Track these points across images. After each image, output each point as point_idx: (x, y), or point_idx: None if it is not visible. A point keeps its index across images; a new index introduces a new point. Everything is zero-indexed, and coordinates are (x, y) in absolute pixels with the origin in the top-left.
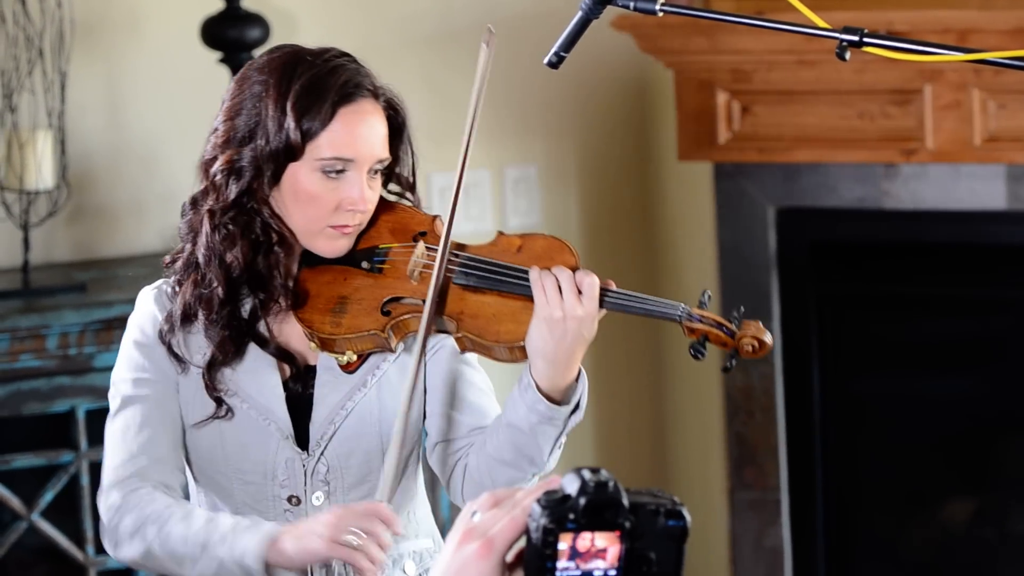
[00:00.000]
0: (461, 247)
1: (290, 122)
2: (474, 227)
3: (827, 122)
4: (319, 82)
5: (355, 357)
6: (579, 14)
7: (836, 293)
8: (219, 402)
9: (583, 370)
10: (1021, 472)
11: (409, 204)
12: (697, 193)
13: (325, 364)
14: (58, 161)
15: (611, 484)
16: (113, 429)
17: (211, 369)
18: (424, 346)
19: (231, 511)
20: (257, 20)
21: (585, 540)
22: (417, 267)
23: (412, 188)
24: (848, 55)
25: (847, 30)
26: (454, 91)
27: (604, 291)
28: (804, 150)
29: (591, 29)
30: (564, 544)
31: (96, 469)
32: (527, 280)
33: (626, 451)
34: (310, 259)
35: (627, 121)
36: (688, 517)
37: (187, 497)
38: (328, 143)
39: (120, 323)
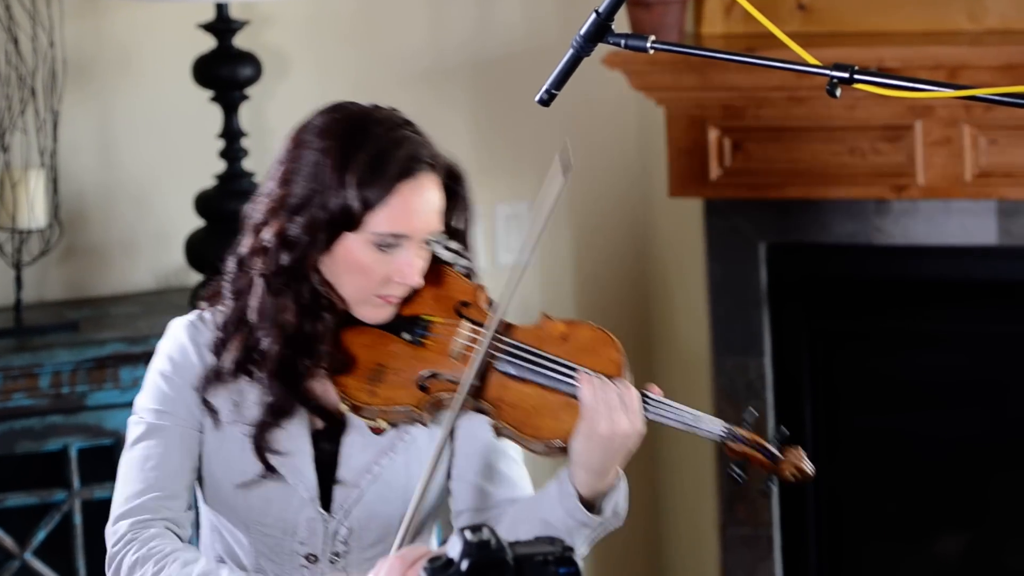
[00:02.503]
0: (508, 328)
1: (351, 193)
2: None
3: (818, 158)
4: (383, 155)
5: (386, 426)
6: (570, 52)
7: (827, 329)
8: (268, 467)
9: (623, 474)
10: (1014, 507)
11: (463, 267)
12: (688, 229)
13: (355, 423)
14: (50, 200)
15: (493, 542)
16: (131, 457)
17: (263, 429)
18: (453, 427)
19: (244, 556)
20: (249, 59)
21: None
22: (459, 347)
23: (466, 247)
24: (839, 92)
25: (837, 67)
26: (447, 128)
27: (648, 402)
28: (795, 186)
29: (582, 66)
30: None
31: (89, 508)
32: (573, 378)
33: None
34: (349, 318)
35: (618, 158)
36: (579, 562)
37: (196, 528)
38: (386, 219)
39: (113, 361)
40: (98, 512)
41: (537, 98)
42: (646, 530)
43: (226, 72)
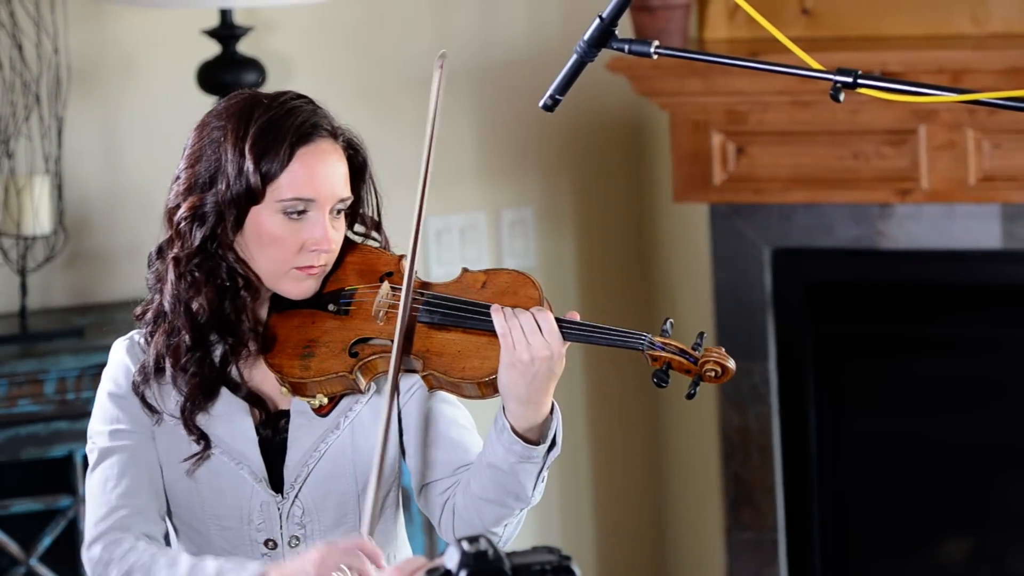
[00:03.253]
0: (425, 285)
1: (249, 165)
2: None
3: (822, 163)
4: (276, 124)
5: (326, 400)
6: (574, 57)
7: (832, 333)
8: (202, 438)
9: (556, 404)
10: (1018, 511)
11: (376, 245)
12: (693, 234)
13: (298, 408)
14: (55, 206)
15: (490, 553)
16: (93, 483)
17: (183, 415)
18: (396, 384)
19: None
20: (253, 65)
21: None
22: (382, 307)
23: (378, 227)
24: (842, 96)
25: (841, 71)
26: (451, 133)
27: (565, 324)
28: (799, 191)
29: (587, 72)
30: None
31: None
32: (488, 317)
33: (623, 492)
34: (279, 304)
35: (623, 163)
36: (578, 571)
37: (168, 545)
38: (288, 184)
39: None
40: None
41: (541, 103)
42: (651, 534)
43: (230, 78)
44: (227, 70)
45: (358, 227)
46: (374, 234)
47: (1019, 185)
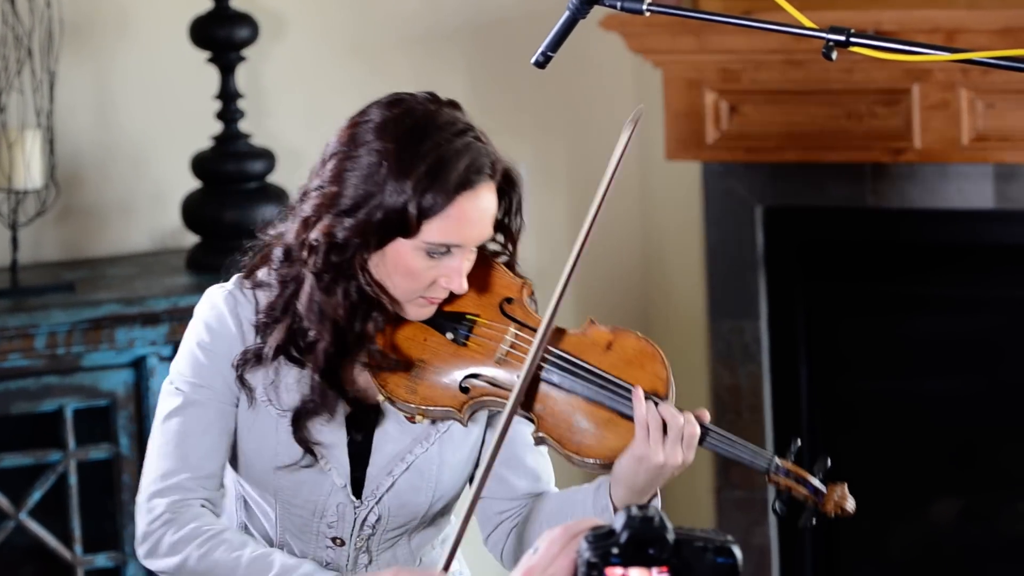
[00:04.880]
0: (552, 335)
1: (408, 200)
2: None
3: (815, 122)
4: (444, 164)
5: (423, 420)
6: (567, 14)
7: (824, 292)
8: (310, 451)
9: (659, 493)
10: (1009, 471)
11: (504, 259)
12: (685, 192)
13: (390, 411)
14: (47, 161)
15: (656, 519)
16: (167, 430)
17: (298, 421)
18: (503, 439)
19: (269, 528)
20: (246, 20)
21: None
22: (504, 350)
23: (515, 244)
24: (835, 55)
25: (834, 30)
26: (444, 91)
27: (707, 436)
28: (792, 150)
29: (579, 28)
30: None
31: (84, 468)
32: (620, 396)
33: None
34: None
35: (615, 120)
36: (739, 555)
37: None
38: (440, 229)
39: (109, 322)
40: (93, 473)
41: (533, 60)
42: None
43: (223, 33)
44: (220, 25)
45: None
46: (509, 247)
47: (1012, 145)
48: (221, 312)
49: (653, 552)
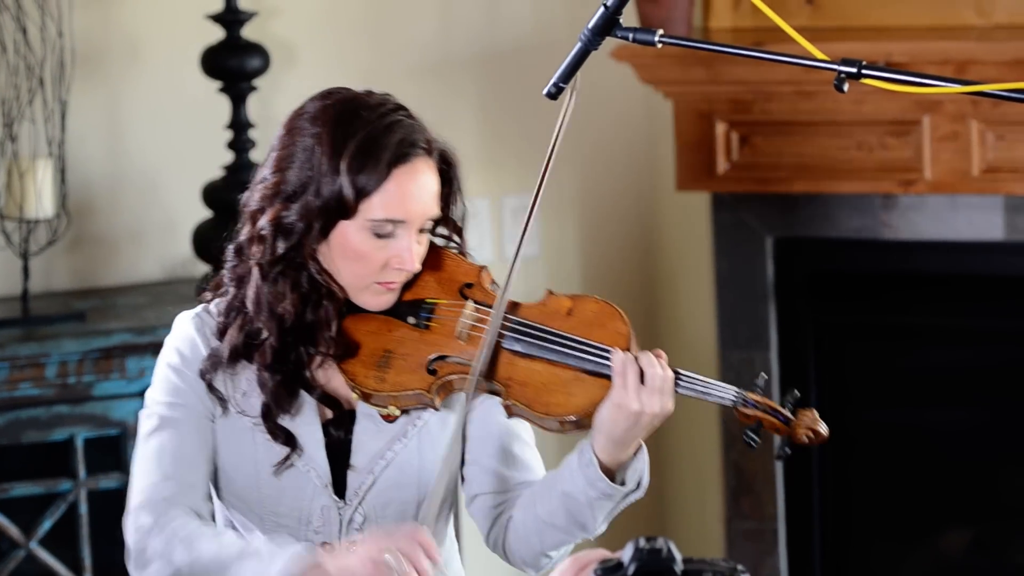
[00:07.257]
0: (512, 306)
1: (344, 180)
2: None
3: (826, 153)
4: (375, 140)
5: (397, 412)
6: (579, 45)
7: (833, 323)
8: (288, 441)
9: (644, 445)
10: (1019, 502)
11: (455, 250)
12: (695, 223)
13: (365, 411)
14: (58, 190)
15: (664, 551)
16: (146, 450)
17: (267, 419)
18: (468, 411)
19: None
20: (257, 50)
21: None
22: (466, 328)
23: (460, 233)
24: (846, 87)
25: (845, 62)
26: (455, 120)
27: (680, 380)
28: (802, 181)
29: (591, 60)
30: None
31: (95, 498)
32: (584, 355)
33: None
34: (352, 305)
35: (626, 151)
36: None
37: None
38: (381, 204)
39: (120, 352)
40: (104, 502)
41: (545, 91)
42: (651, 524)
43: (234, 63)
44: (231, 55)
45: (440, 230)
46: (456, 238)
47: (1022, 177)
48: (189, 334)
49: None
